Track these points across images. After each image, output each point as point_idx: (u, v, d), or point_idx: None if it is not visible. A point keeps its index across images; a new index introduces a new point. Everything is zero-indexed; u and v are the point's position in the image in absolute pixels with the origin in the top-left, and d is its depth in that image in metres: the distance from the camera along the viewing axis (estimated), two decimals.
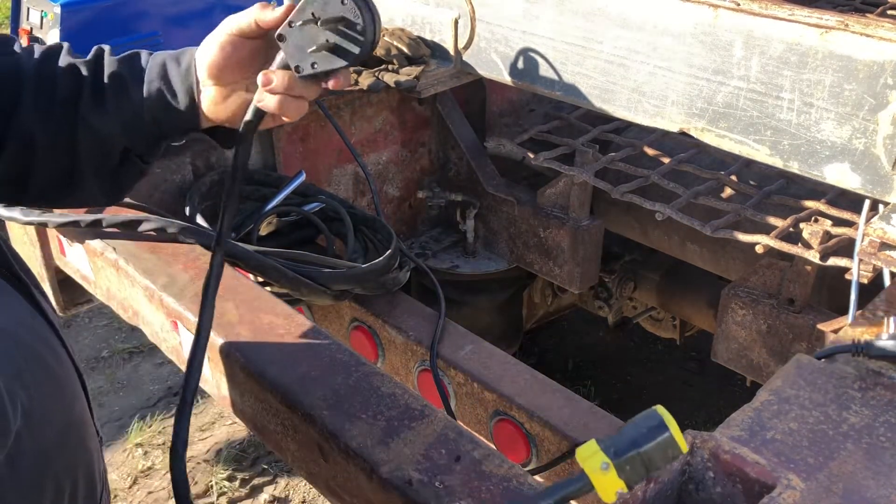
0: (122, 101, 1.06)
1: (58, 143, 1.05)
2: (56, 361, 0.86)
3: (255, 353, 1.33)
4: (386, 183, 2.47)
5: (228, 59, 1.04)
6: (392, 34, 2.19)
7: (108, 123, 1.06)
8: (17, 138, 1.03)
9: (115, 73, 1.07)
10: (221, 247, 1.09)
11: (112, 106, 1.06)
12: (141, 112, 1.07)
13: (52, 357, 0.85)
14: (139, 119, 1.07)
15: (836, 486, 0.93)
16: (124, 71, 1.07)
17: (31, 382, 0.77)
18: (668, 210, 1.90)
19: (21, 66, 1.06)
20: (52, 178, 1.08)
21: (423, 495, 1.05)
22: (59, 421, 0.85)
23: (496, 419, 1.51)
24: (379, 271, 1.67)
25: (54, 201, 1.21)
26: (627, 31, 1.79)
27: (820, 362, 1.14)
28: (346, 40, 0.97)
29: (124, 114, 1.06)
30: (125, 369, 3.30)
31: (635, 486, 0.78)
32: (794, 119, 1.60)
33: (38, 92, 1.05)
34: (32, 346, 0.81)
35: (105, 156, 1.09)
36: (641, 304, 2.81)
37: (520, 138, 2.33)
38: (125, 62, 1.09)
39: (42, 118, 1.04)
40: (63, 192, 1.11)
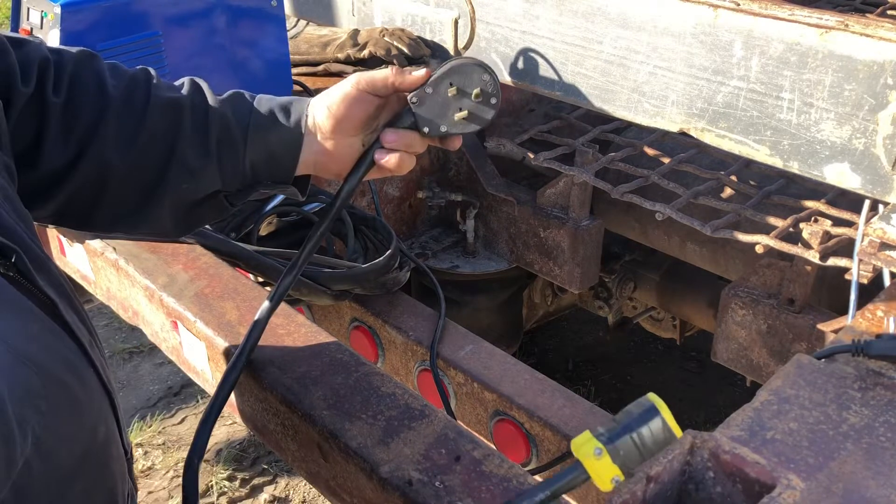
0: (225, 148, 1.06)
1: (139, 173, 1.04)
2: (79, 383, 0.81)
3: (256, 352, 1.33)
4: (386, 183, 2.47)
5: (353, 113, 1.07)
6: (392, 34, 2.19)
7: (208, 168, 1.06)
8: (94, 161, 1.02)
9: (220, 115, 1.06)
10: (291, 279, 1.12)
11: (214, 151, 1.06)
12: (243, 161, 1.07)
13: (73, 378, 0.80)
14: (240, 168, 1.07)
15: (836, 486, 0.93)
16: (229, 114, 1.07)
17: (44, 407, 0.72)
18: (668, 210, 1.90)
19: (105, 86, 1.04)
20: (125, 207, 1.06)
21: (423, 495, 1.05)
22: (78, 447, 0.80)
23: (496, 419, 1.51)
24: (379, 271, 1.67)
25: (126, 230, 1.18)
26: (627, 31, 1.79)
27: (820, 362, 1.14)
28: (482, 107, 1.08)
29: (225, 162, 1.07)
30: (125, 369, 3.30)
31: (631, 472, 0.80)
32: (794, 119, 1.60)
33: (124, 118, 1.03)
34: (50, 367, 0.76)
35: (192, 195, 1.08)
36: (641, 304, 2.81)
37: (520, 138, 2.33)
38: (229, 104, 1.08)
39: (124, 146, 1.03)
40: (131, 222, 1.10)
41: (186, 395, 3.15)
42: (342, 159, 1.11)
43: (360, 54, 2.17)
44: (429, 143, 1.10)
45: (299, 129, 1.07)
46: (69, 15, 1.58)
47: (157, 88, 1.07)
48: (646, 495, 0.84)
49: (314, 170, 1.12)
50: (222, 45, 1.81)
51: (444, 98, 1.07)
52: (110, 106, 1.03)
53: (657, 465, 0.84)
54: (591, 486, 1.41)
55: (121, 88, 1.05)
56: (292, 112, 1.09)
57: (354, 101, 1.06)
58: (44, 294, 0.84)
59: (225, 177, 1.08)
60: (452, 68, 1.07)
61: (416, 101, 1.07)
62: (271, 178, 1.10)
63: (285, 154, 1.08)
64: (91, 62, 1.06)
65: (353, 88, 1.06)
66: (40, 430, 0.71)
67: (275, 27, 1.90)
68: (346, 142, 1.09)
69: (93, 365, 0.86)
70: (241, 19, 1.83)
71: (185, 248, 1.63)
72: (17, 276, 0.82)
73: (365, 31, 2.23)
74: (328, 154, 1.10)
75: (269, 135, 1.07)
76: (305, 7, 2.59)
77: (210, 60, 1.81)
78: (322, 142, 1.09)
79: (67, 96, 1.01)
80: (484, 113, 1.08)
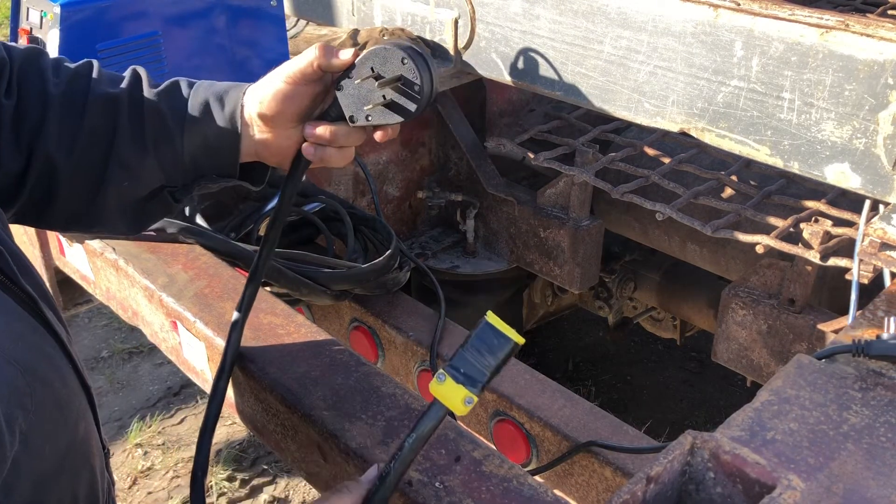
0: (162, 143, 1.03)
1: (83, 172, 1.02)
2: (59, 380, 0.82)
3: (255, 353, 1.33)
4: (386, 183, 2.47)
5: (286, 108, 1.02)
6: (392, 34, 2.19)
7: (146, 163, 1.03)
8: (41, 161, 1.00)
9: (155, 109, 1.03)
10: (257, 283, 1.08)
11: (151, 146, 1.03)
12: (182, 155, 1.04)
13: (55, 376, 0.81)
14: (179, 162, 1.05)
15: (836, 487, 0.93)
16: (164, 108, 1.04)
17: (30, 405, 0.74)
18: (669, 210, 1.90)
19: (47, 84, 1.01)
20: (75, 206, 1.04)
21: (423, 495, 1.05)
22: (61, 443, 0.81)
23: (496, 419, 1.51)
24: (379, 271, 1.66)
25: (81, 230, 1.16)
26: (628, 31, 1.79)
27: (820, 362, 1.14)
28: (403, 97, 0.99)
29: (164, 156, 1.04)
30: (125, 369, 3.30)
31: (482, 389, 0.85)
32: (794, 119, 1.60)
33: (65, 116, 1.01)
34: (33, 365, 0.77)
35: (135, 191, 1.06)
36: (641, 304, 2.81)
37: (520, 138, 2.33)
38: (164, 97, 1.05)
39: (66, 145, 1.01)
40: (85, 222, 1.08)
41: (186, 395, 3.15)
42: (282, 151, 1.07)
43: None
44: (362, 134, 1.04)
45: (235, 121, 1.03)
46: (69, 15, 1.57)
47: (97, 84, 1.04)
48: (646, 495, 0.84)
49: (257, 158, 1.08)
50: (222, 45, 1.81)
51: (368, 86, 0.99)
52: (52, 105, 1.01)
53: (657, 466, 0.84)
54: (591, 486, 1.41)
55: (62, 86, 1.02)
56: (226, 103, 1.04)
57: (286, 97, 1.02)
58: (25, 293, 0.84)
59: (166, 172, 1.05)
60: (373, 52, 0.99)
61: (342, 87, 1.00)
62: (214, 171, 1.07)
63: (224, 147, 1.04)
64: (37, 60, 1.03)
65: (284, 83, 1.01)
66: (27, 427, 0.72)
67: (275, 27, 1.90)
68: (284, 133, 1.05)
69: (72, 362, 0.87)
70: (240, 19, 1.83)
71: (185, 248, 1.62)
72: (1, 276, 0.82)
73: (365, 31, 2.23)
74: (266, 145, 1.06)
75: (205, 128, 1.04)
76: (305, 7, 2.58)
77: (210, 60, 1.81)
78: (259, 134, 1.05)
79: (17, 98, 1.00)
80: (406, 103, 0.99)
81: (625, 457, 1.35)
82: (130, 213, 1.09)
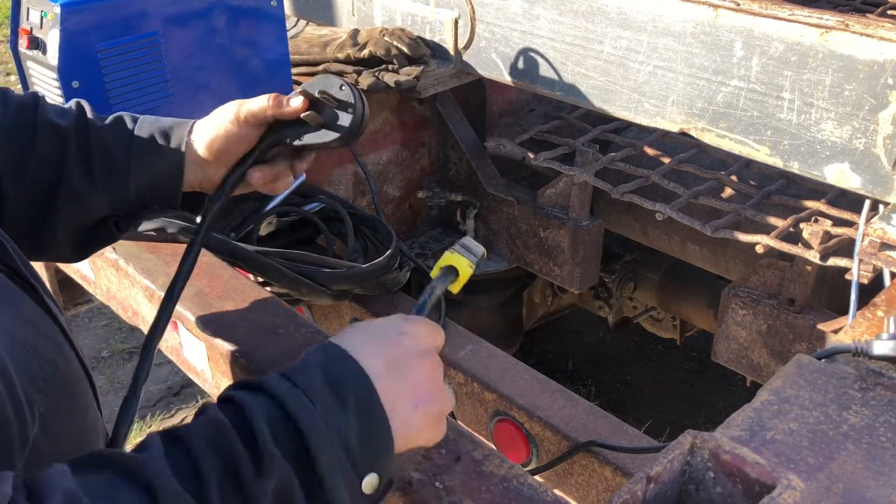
0: (108, 175, 1.07)
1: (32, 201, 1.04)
2: (67, 367, 0.84)
3: (255, 353, 1.33)
4: (386, 183, 2.47)
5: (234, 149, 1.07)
6: (392, 34, 2.19)
7: (94, 194, 1.06)
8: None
9: (102, 142, 1.07)
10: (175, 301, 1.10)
11: (100, 177, 1.06)
12: (127, 187, 1.07)
13: (63, 362, 0.83)
14: (125, 193, 1.08)
15: (836, 486, 0.93)
16: (110, 141, 1.07)
17: (46, 389, 0.75)
18: (669, 210, 1.90)
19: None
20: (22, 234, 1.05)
21: (423, 495, 1.05)
22: (74, 428, 0.82)
23: (496, 419, 1.51)
24: (379, 271, 1.66)
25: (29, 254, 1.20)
26: (627, 31, 1.79)
27: (820, 362, 1.14)
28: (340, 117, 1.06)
29: (111, 188, 1.07)
30: (125, 369, 3.30)
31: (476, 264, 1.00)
32: (794, 119, 1.60)
33: (14, 146, 1.03)
34: (43, 350, 0.79)
35: (81, 220, 1.08)
36: (641, 304, 2.81)
37: (520, 138, 2.33)
38: (110, 131, 1.08)
39: (15, 174, 1.03)
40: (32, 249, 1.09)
41: (186, 395, 3.15)
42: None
43: (360, 54, 2.17)
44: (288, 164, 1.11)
45: (180, 156, 1.08)
46: (69, 15, 1.57)
47: (45, 114, 1.07)
48: (646, 495, 0.84)
49: (199, 190, 1.13)
50: (222, 45, 1.81)
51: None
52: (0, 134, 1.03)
53: (657, 466, 0.84)
54: (591, 486, 1.42)
55: (10, 116, 1.05)
56: (172, 138, 1.09)
57: (233, 137, 1.07)
58: (28, 283, 0.86)
59: (111, 202, 1.08)
60: (316, 79, 1.07)
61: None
62: (158, 202, 1.11)
63: (168, 180, 1.09)
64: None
65: (234, 125, 1.06)
66: (45, 409, 0.73)
67: (275, 27, 1.90)
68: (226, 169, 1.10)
69: (73, 348, 0.88)
70: (241, 19, 1.83)
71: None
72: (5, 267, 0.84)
73: (365, 31, 2.23)
74: (209, 179, 1.11)
75: (151, 161, 1.08)
76: (305, 7, 2.59)
77: (210, 60, 1.81)
78: (202, 170, 1.10)
79: None
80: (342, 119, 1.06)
81: (625, 457, 1.35)
82: (76, 242, 1.11)
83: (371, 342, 0.80)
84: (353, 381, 0.75)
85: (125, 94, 1.68)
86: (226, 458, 0.67)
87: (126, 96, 1.69)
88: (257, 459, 0.67)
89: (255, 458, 0.67)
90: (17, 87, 1.36)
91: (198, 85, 1.80)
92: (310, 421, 0.70)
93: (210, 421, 0.71)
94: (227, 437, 0.68)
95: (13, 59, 1.79)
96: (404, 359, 0.80)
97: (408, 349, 0.81)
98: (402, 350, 0.81)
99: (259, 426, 0.68)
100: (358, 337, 0.81)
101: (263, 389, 0.73)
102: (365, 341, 0.80)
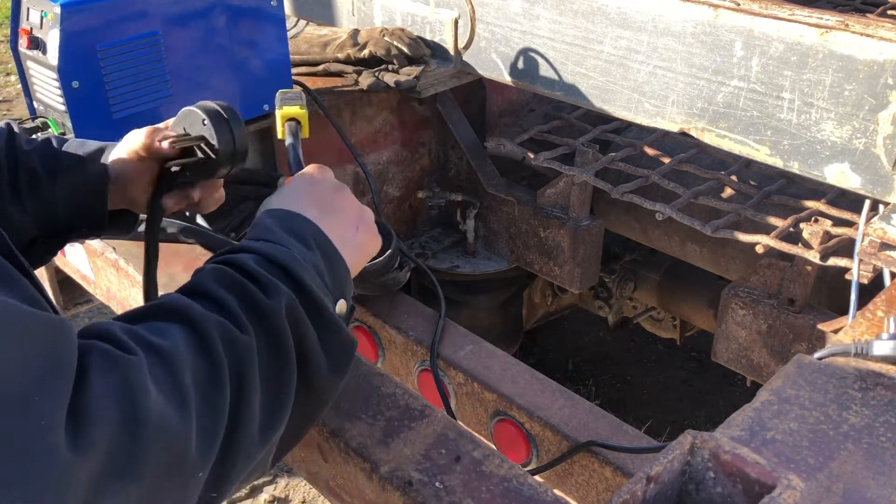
0: (35, 198, 1.08)
1: None
2: None
3: None
4: (386, 183, 2.47)
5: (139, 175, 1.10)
6: (392, 34, 2.19)
7: (24, 217, 1.08)
8: None
9: (29, 164, 1.08)
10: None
11: (28, 200, 1.08)
12: (54, 210, 1.09)
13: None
14: (51, 216, 1.09)
15: (836, 486, 0.93)
16: (36, 164, 1.09)
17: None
18: (669, 210, 1.90)
19: None
20: None
21: (423, 495, 1.05)
22: None
23: (496, 419, 1.51)
24: (379, 271, 1.66)
25: None
26: (627, 31, 1.79)
27: (820, 362, 1.14)
28: (207, 155, 1.06)
29: (38, 210, 1.08)
30: None
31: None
32: (794, 119, 1.60)
33: None
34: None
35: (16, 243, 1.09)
36: (641, 304, 2.81)
37: (520, 138, 2.33)
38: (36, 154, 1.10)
39: None
40: None
41: None
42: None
43: (360, 54, 2.17)
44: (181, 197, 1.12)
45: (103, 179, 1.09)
46: (69, 15, 1.57)
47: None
48: (646, 495, 0.84)
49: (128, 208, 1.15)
50: (222, 45, 1.81)
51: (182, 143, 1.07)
52: None
53: (657, 466, 0.84)
54: (591, 486, 1.41)
55: None
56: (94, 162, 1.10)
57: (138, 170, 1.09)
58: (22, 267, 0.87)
59: (39, 224, 1.09)
60: (183, 113, 1.07)
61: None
62: (84, 223, 1.12)
63: (93, 202, 1.10)
64: None
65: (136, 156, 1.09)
66: None
67: (275, 27, 1.90)
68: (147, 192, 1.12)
69: None
70: (241, 19, 1.83)
71: (185, 248, 1.62)
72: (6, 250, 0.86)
73: (365, 31, 2.23)
74: (133, 202, 1.13)
75: (74, 184, 1.09)
76: (305, 7, 2.59)
77: (210, 60, 1.81)
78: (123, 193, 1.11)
79: None
80: (209, 159, 1.06)
81: (625, 457, 1.35)
82: None
83: (299, 198, 0.93)
84: (306, 227, 0.89)
85: (125, 94, 1.68)
86: (238, 290, 0.78)
87: (126, 96, 1.69)
88: (262, 288, 0.79)
89: (261, 288, 0.79)
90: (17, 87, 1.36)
91: (198, 85, 1.80)
92: (291, 259, 0.83)
93: (211, 270, 0.81)
94: (232, 277, 0.79)
95: (13, 59, 1.79)
96: (327, 199, 0.95)
97: (323, 191, 0.96)
98: (321, 193, 0.96)
99: (254, 268, 0.80)
100: (287, 198, 0.94)
101: (243, 250, 0.84)
102: (294, 199, 0.93)
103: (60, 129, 1.74)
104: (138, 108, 1.71)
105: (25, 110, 1.85)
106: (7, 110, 5.44)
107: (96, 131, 1.69)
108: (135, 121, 1.72)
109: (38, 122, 1.79)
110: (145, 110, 1.73)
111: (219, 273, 0.81)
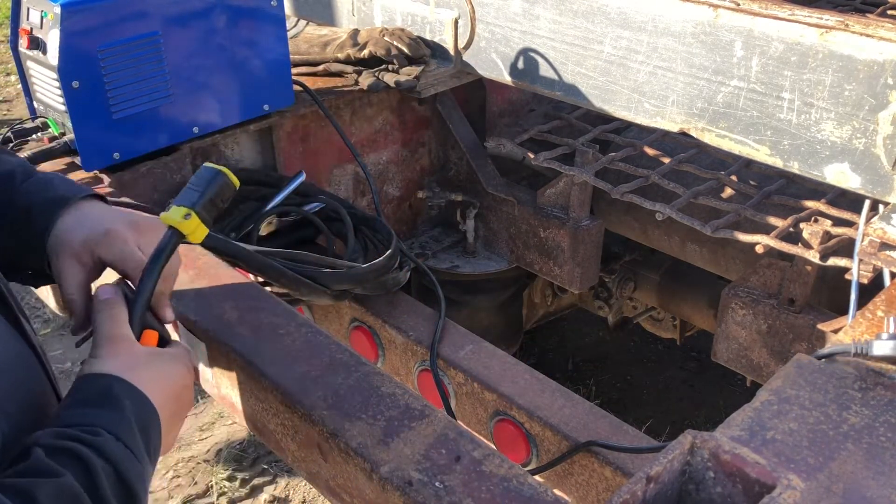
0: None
1: None
2: (38, 385, 0.83)
3: (255, 353, 1.33)
4: (386, 183, 2.47)
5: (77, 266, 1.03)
6: (392, 34, 2.19)
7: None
8: None
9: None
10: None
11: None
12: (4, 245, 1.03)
13: (34, 381, 0.82)
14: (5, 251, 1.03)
15: (836, 486, 0.93)
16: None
17: (12, 410, 0.75)
18: (669, 210, 1.90)
19: None
20: None
21: (423, 495, 1.05)
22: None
23: (496, 419, 1.51)
24: (379, 271, 1.67)
25: None
26: (627, 31, 1.79)
27: (820, 362, 1.14)
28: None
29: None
30: None
31: (196, 205, 0.96)
32: (794, 119, 1.60)
33: None
34: (14, 369, 0.78)
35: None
36: (641, 304, 2.81)
37: (520, 138, 2.33)
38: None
39: None
40: None
41: None
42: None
43: (360, 54, 2.17)
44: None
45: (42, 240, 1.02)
46: (69, 15, 1.57)
47: None
48: (646, 495, 0.84)
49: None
50: (222, 45, 1.81)
51: None
52: None
53: (657, 466, 0.84)
54: (591, 486, 1.42)
55: None
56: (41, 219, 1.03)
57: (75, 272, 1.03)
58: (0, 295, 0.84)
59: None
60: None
61: None
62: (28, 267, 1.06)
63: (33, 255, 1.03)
64: None
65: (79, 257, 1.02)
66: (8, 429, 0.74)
67: (275, 27, 1.90)
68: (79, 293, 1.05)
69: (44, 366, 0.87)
70: (241, 19, 1.83)
71: (185, 248, 1.62)
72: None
73: (365, 31, 2.23)
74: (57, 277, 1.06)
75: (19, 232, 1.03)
76: (305, 7, 2.59)
77: (210, 60, 1.81)
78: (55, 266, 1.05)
79: None
80: None
81: (625, 457, 1.35)
82: None
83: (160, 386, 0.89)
84: (155, 429, 0.86)
85: (125, 94, 1.69)
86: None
87: (126, 96, 1.69)
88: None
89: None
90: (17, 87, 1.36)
91: (198, 85, 1.81)
92: (137, 478, 0.79)
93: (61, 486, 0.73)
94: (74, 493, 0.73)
95: (13, 59, 1.79)
96: (180, 394, 0.94)
97: (183, 387, 0.94)
98: (178, 388, 0.93)
99: (106, 496, 0.75)
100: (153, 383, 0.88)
101: (96, 449, 0.77)
102: (157, 388, 0.89)
103: (60, 128, 1.74)
104: (138, 107, 1.72)
105: (25, 110, 1.85)
106: (7, 110, 5.44)
107: (96, 131, 1.69)
108: (135, 120, 1.73)
109: (38, 122, 1.79)
110: (145, 110, 1.73)
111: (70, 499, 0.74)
